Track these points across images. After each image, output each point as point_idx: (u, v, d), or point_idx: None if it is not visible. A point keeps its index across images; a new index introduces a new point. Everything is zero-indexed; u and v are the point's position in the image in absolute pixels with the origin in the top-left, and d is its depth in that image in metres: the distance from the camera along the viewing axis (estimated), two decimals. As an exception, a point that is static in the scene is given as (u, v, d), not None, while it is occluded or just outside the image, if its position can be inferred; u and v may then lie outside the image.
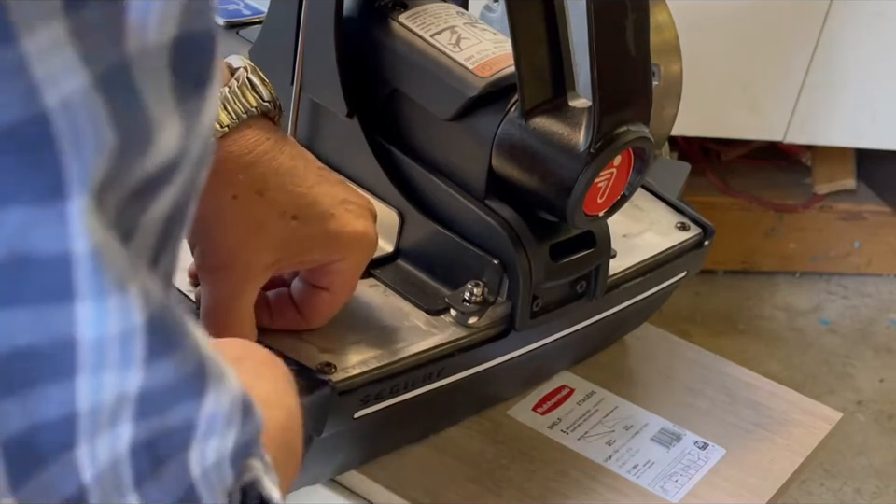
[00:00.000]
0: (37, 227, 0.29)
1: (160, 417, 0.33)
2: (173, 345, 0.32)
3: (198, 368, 0.33)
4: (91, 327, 0.30)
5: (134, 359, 0.31)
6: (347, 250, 0.65)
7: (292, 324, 0.67)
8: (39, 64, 0.28)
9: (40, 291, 0.29)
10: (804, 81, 2.03)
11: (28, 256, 0.29)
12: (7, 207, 0.28)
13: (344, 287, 0.67)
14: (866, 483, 1.82)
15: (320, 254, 0.64)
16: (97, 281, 0.30)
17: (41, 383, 0.30)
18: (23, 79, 0.28)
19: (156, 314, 0.31)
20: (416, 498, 0.72)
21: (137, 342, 0.31)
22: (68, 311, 0.30)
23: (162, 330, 0.32)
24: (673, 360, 0.86)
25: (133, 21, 0.29)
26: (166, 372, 0.32)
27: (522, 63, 0.66)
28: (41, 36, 0.27)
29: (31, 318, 0.29)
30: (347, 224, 0.64)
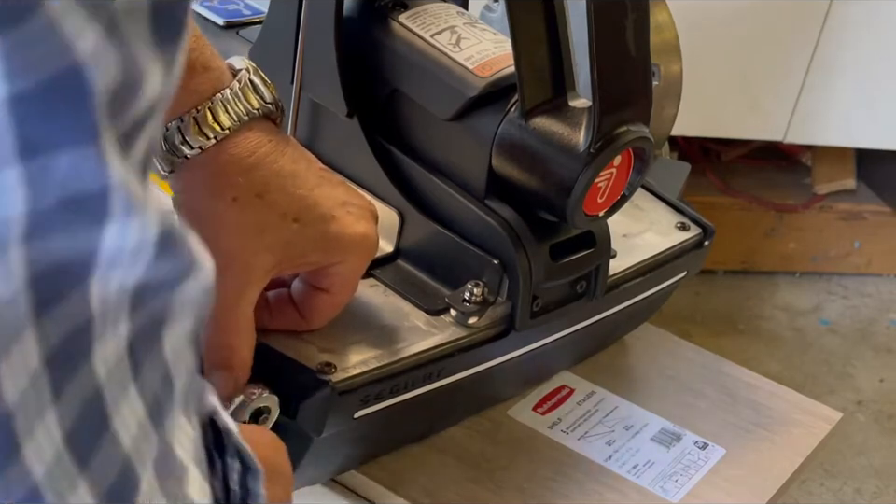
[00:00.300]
0: (82, 167, 0.32)
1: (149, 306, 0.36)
2: (174, 245, 0.36)
3: (190, 259, 0.37)
4: (113, 241, 0.33)
5: (142, 260, 0.34)
6: (348, 252, 0.65)
7: (292, 324, 0.67)
8: (65, 22, 0.31)
9: (83, 222, 0.33)
10: (804, 81, 2.03)
11: (76, 196, 0.32)
12: (57, 153, 0.32)
13: (345, 289, 0.67)
14: (866, 483, 1.82)
15: (320, 256, 0.64)
16: (126, 205, 0.33)
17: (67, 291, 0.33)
18: (57, 34, 0.31)
19: (166, 225, 0.35)
20: (416, 498, 0.72)
21: (147, 250, 0.34)
22: (98, 231, 0.33)
23: (168, 237, 0.35)
24: (673, 360, 0.86)
25: None
26: (164, 266, 0.35)
27: (522, 63, 0.66)
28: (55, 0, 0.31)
29: (68, 240, 0.33)
30: (348, 226, 0.64)
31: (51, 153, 0.32)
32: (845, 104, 2.07)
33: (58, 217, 0.32)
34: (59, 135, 0.32)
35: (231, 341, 0.62)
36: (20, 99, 0.31)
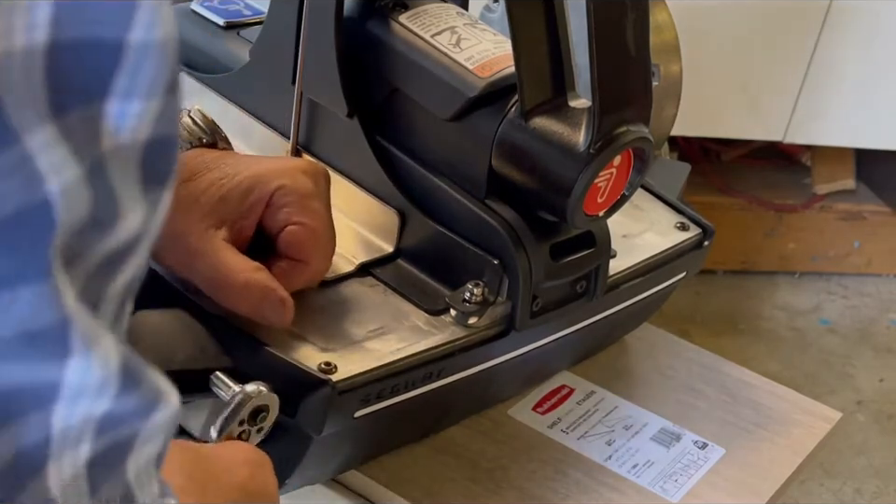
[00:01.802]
0: (41, 301, 0.32)
1: (113, 435, 0.36)
2: (137, 381, 0.36)
3: (154, 393, 0.37)
4: (77, 376, 0.34)
5: (107, 395, 0.35)
6: (282, 177, 0.68)
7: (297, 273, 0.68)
8: (42, 158, 0.31)
9: (41, 355, 0.33)
10: (804, 81, 2.03)
11: (35, 330, 0.33)
12: (18, 287, 0.32)
13: (310, 214, 0.68)
14: (866, 483, 1.82)
15: (258, 193, 0.67)
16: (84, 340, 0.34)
17: (25, 414, 0.34)
18: (28, 171, 0.31)
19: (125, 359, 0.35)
20: (416, 498, 0.72)
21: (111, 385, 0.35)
22: (62, 365, 0.33)
23: (130, 371, 0.36)
24: (673, 360, 0.86)
25: (108, 126, 0.33)
26: (130, 401, 0.36)
27: (522, 63, 0.66)
28: (39, 136, 0.31)
29: (29, 370, 0.33)
30: (273, 161, 0.70)
31: (10, 288, 0.32)
32: (844, 104, 2.07)
33: (17, 348, 0.32)
34: (18, 269, 0.32)
35: (236, 279, 0.64)
36: None
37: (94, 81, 0.33)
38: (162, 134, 0.35)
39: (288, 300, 0.65)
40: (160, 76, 0.34)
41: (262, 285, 0.65)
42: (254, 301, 0.64)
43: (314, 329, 0.67)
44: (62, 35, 0.32)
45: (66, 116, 0.32)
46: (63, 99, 0.32)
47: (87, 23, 0.32)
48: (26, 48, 0.31)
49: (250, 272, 0.65)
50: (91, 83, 0.33)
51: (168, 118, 0.36)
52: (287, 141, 0.77)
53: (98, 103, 0.33)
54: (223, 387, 0.62)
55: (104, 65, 0.33)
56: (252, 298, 0.64)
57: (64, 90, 0.32)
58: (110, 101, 0.33)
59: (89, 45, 0.32)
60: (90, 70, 0.33)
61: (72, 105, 0.32)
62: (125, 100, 0.33)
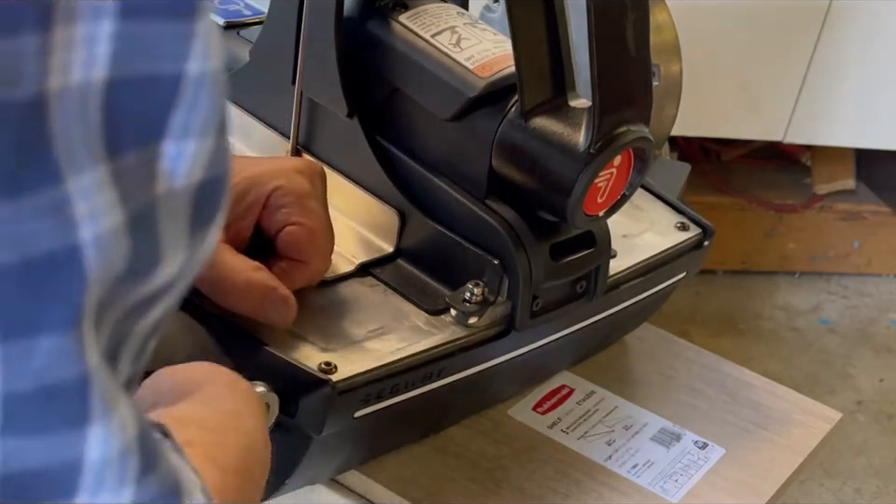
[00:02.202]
0: (62, 354, 0.30)
1: None
2: (157, 458, 0.34)
3: (175, 480, 0.35)
4: (97, 448, 0.31)
5: (129, 477, 0.32)
6: (278, 178, 0.67)
7: (296, 273, 0.68)
8: (81, 204, 0.29)
9: (61, 418, 0.31)
10: (804, 81, 2.03)
11: (54, 385, 0.30)
12: (38, 337, 0.30)
13: (309, 214, 0.68)
14: (866, 483, 1.82)
15: (255, 194, 0.67)
16: (103, 402, 0.31)
17: (43, 502, 0.31)
18: (64, 215, 0.29)
19: (142, 428, 0.33)
20: (416, 498, 0.72)
21: (132, 458, 0.32)
22: (81, 434, 0.31)
23: (148, 444, 0.33)
24: (673, 360, 0.86)
25: (164, 168, 0.31)
26: (152, 488, 0.33)
27: (522, 63, 0.66)
28: (85, 178, 0.29)
29: (48, 443, 0.31)
30: (269, 162, 0.69)
31: (31, 337, 0.30)
32: (844, 104, 2.07)
33: (36, 409, 0.30)
34: (42, 317, 0.30)
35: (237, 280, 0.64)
36: (4, 273, 0.29)
37: (152, 119, 0.31)
38: (215, 175, 0.34)
39: (290, 298, 0.65)
40: (214, 111, 0.33)
41: (264, 284, 0.65)
42: (256, 300, 0.64)
43: (314, 328, 0.67)
44: (121, 71, 0.30)
45: (121, 157, 0.31)
46: (119, 138, 0.30)
47: (147, 58, 0.31)
48: (83, 84, 0.29)
49: (251, 271, 0.65)
50: (150, 121, 0.31)
51: (222, 156, 0.34)
52: (287, 141, 0.77)
53: (155, 143, 0.31)
54: (223, 387, 0.62)
55: (162, 102, 0.31)
56: (254, 297, 0.64)
57: (121, 129, 0.30)
58: (166, 140, 0.31)
59: (148, 80, 0.31)
60: (148, 107, 0.31)
61: (128, 146, 0.31)
62: (181, 139, 0.32)
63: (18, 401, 0.30)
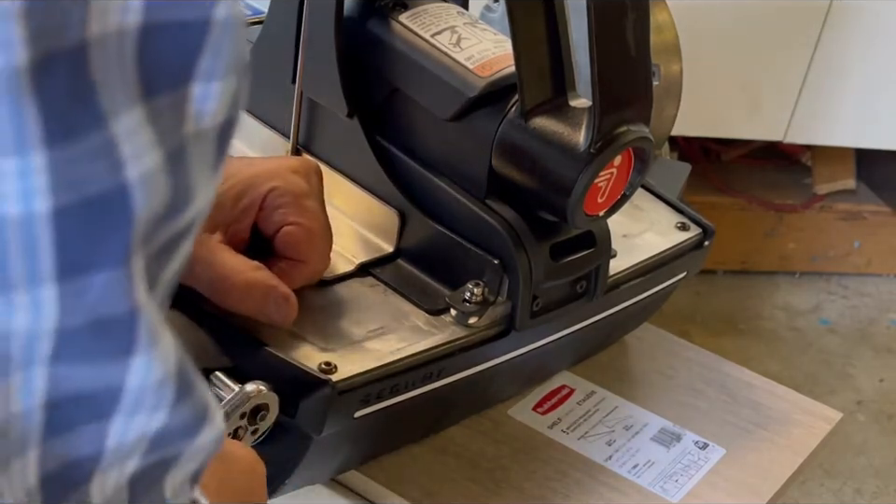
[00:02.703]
0: (113, 289, 0.31)
1: (162, 451, 0.35)
2: (191, 387, 0.35)
3: (204, 407, 0.36)
4: (139, 376, 0.33)
5: (165, 403, 0.34)
6: (274, 179, 0.67)
7: (296, 273, 0.68)
8: (126, 144, 0.31)
9: (108, 348, 0.32)
10: (804, 81, 2.03)
11: (105, 318, 0.32)
12: (93, 272, 0.31)
13: (311, 217, 0.68)
14: (866, 483, 1.82)
15: (250, 196, 0.67)
16: (149, 334, 0.33)
17: (82, 424, 0.33)
18: (112, 156, 0.31)
19: (181, 359, 0.35)
20: (416, 498, 0.72)
21: (170, 387, 0.34)
22: (125, 363, 0.32)
23: (185, 374, 0.35)
24: (673, 360, 0.86)
25: (193, 109, 0.33)
26: (183, 413, 0.35)
27: (522, 63, 0.66)
28: (126, 120, 0.31)
29: (93, 370, 0.32)
30: (265, 162, 0.69)
31: (85, 274, 0.31)
32: (845, 104, 2.07)
33: (86, 340, 0.32)
34: (95, 255, 0.31)
35: (237, 280, 0.64)
36: (62, 214, 0.30)
37: (183, 63, 0.32)
38: (234, 115, 0.35)
39: (291, 296, 0.65)
40: (236, 54, 0.34)
41: (264, 283, 0.65)
42: (257, 299, 0.64)
43: (313, 328, 0.67)
44: (153, 18, 0.31)
45: (155, 99, 0.32)
46: (153, 82, 0.32)
47: (178, 5, 0.32)
48: (120, 30, 0.30)
49: (250, 271, 0.65)
50: (180, 65, 0.32)
51: (240, 98, 0.35)
52: (287, 141, 0.77)
53: (184, 85, 0.33)
54: (223, 387, 0.62)
55: (191, 46, 0.32)
56: (255, 297, 0.64)
57: (154, 72, 0.32)
58: (195, 83, 0.33)
59: (178, 26, 0.32)
60: (178, 52, 0.32)
61: (161, 89, 0.32)
62: (207, 81, 0.33)
63: (70, 334, 0.31)
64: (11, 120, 0.29)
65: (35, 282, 0.30)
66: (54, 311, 0.31)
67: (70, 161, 0.30)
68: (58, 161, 0.30)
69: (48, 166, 0.29)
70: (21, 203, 0.29)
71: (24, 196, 0.29)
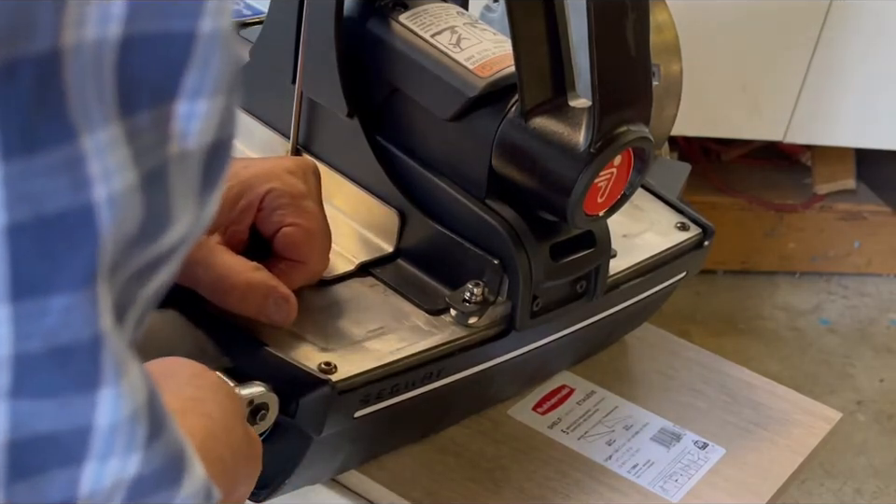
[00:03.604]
0: (74, 314, 0.30)
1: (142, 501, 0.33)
2: (164, 423, 0.33)
3: (178, 451, 0.34)
4: (107, 412, 0.31)
5: (138, 442, 0.32)
6: (271, 180, 0.67)
7: (295, 274, 0.68)
8: (95, 162, 0.29)
9: (72, 380, 0.30)
10: (804, 81, 2.03)
11: (66, 345, 0.30)
12: (51, 296, 0.29)
13: (309, 218, 0.68)
14: (866, 483, 1.82)
15: (248, 198, 0.67)
16: (115, 365, 0.31)
17: (51, 469, 0.31)
18: (77, 173, 0.29)
19: (150, 391, 0.33)
20: (416, 498, 0.72)
21: (142, 423, 0.32)
22: (92, 398, 0.31)
23: (155, 408, 0.33)
24: (673, 360, 0.86)
25: (177, 128, 0.31)
26: (158, 455, 0.33)
27: (522, 63, 0.66)
28: (99, 136, 0.29)
29: (58, 406, 0.30)
30: (262, 164, 0.69)
31: (43, 295, 0.29)
32: (845, 104, 2.07)
33: (46, 370, 0.30)
34: (53, 277, 0.29)
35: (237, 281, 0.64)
36: (16, 230, 0.29)
37: (166, 78, 0.31)
38: (224, 137, 0.33)
39: (291, 296, 0.65)
40: (225, 70, 0.32)
41: (264, 283, 0.65)
42: (257, 300, 0.64)
43: (313, 328, 0.67)
44: (136, 29, 0.30)
45: (134, 116, 0.30)
46: (133, 97, 0.30)
47: (162, 16, 0.30)
48: (98, 40, 0.29)
49: (250, 272, 0.65)
50: (163, 81, 0.31)
51: (230, 118, 0.34)
52: (287, 141, 0.77)
53: (167, 102, 0.31)
54: (223, 387, 0.62)
55: (175, 61, 0.31)
56: (254, 297, 0.64)
57: (135, 87, 0.30)
58: (180, 101, 0.31)
59: (162, 39, 0.30)
60: (162, 66, 0.31)
61: (141, 105, 0.30)
62: (193, 99, 0.31)
63: (29, 363, 0.30)
64: None
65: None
66: (8, 334, 0.29)
67: (28, 174, 0.28)
68: (14, 175, 0.28)
69: (3, 179, 0.28)
70: None
71: None
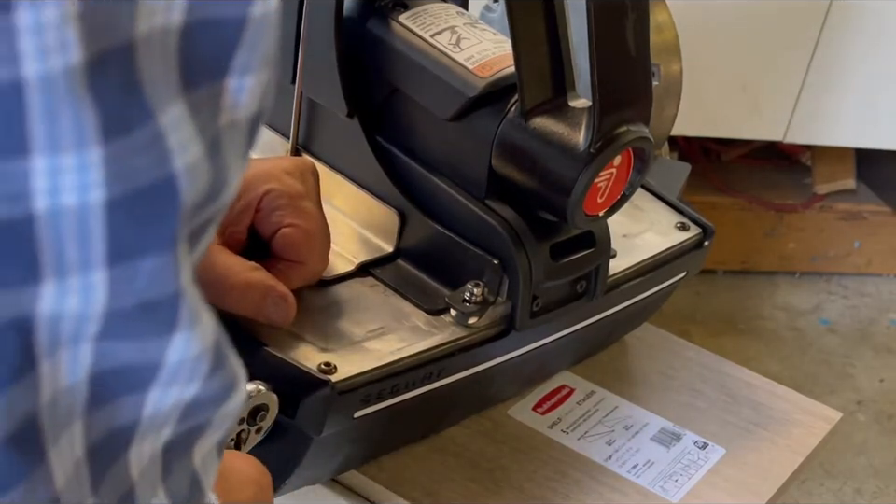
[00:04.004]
0: (161, 273, 0.33)
1: (193, 419, 0.37)
2: (224, 360, 0.37)
3: (234, 376, 0.38)
4: (178, 352, 0.34)
5: (199, 376, 0.35)
6: (269, 181, 0.67)
7: (294, 274, 0.68)
8: (172, 136, 0.32)
9: (155, 326, 0.34)
10: (804, 81, 2.03)
11: (154, 301, 0.33)
12: (142, 258, 0.32)
13: (307, 218, 0.68)
14: (866, 483, 1.82)
15: (245, 200, 0.67)
16: (190, 313, 0.34)
17: (123, 395, 0.34)
18: (161, 148, 0.32)
19: (217, 335, 0.36)
20: (416, 498, 0.72)
21: (205, 361, 0.35)
22: (167, 340, 0.34)
23: (220, 348, 0.36)
24: (673, 360, 0.86)
25: (229, 101, 0.34)
26: (215, 384, 0.36)
27: (522, 63, 0.66)
28: (170, 113, 0.32)
29: (138, 347, 0.34)
30: (259, 164, 0.69)
31: (136, 258, 0.32)
32: (845, 104, 2.07)
33: (132, 321, 0.33)
34: (144, 241, 0.32)
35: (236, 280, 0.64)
36: (114, 205, 0.31)
37: (220, 58, 0.34)
38: (265, 107, 0.37)
39: (290, 296, 0.65)
40: (269, 48, 0.36)
41: (262, 283, 0.65)
42: (255, 299, 0.64)
43: (313, 328, 0.67)
44: (196, 15, 0.32)
45: (195, 92, 0.33)
46: (193, 76, 0.33)
47: (218, 3, 0.33)
48: (164, 28, 0.32)
49: (248, 271, 0.65)
50: (217, 60, 0.34)
51: (270, 90, 0.37)
52: (286, 141, 0.77)
53: (221, 78, 0.34)
54: (223, 387, 0.62)
55: (229, 42, 0.34)
56: (253, 297, 0.64)
57: (194, 67, 0.33)
58: (231, 76, 0.34)
59: (218, 24, 0.33)
60: (217, 47, 0.33)
61: (200, 82, 0.33)
62: (242, 75, 0.34)
63: (119, 315, 0.33)
64: (71, 119, 0.30)
65: (87, 268, 0.32)
66: (104, 295, 0.32)
67: (123, 154, 0.31)
68: (112, 156, 0.31)
69: (103, 160, 0.31)
70: (78, 195, 0.31)
71: (81, 189, 0.31)
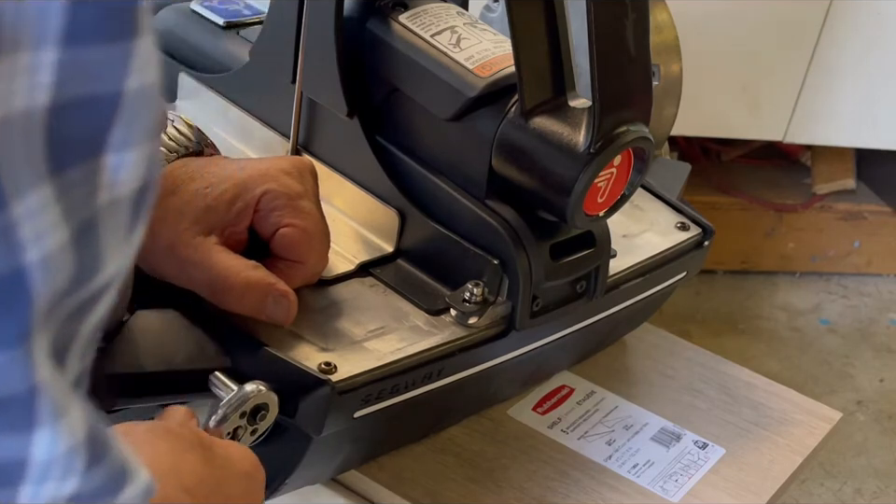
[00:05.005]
0: (9, 371, 0.31)
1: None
2: (105, 451, 0.35)
3: (121, 467, 0.36)
4: (43, 449, 0.33)
5: (76, 470, 0.34)
6: (267, 182, 0.67)
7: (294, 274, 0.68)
8: (26, 226, 0.30)
9: (8, 424, 0.32)
10: (804, 81, 2.03)
11: (4, 398, 0.31)
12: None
13: (306, 218, 0.68)
14: (866, 483, 1.82)
15: (243, 200, 0.67)
16: (53, 409, 0.32)
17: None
18: (9, 240, 0.30)
19: (92, 426, 0.34)
20: (416, 498, 0.72)
21: (79, 455, 0.34)
22: (27, 438, 0.32)
23: (97, 440, 0.34)
24: (673, 360, 0.86)
25: (106, 179, 0.32)
26: (97, 477, 0.35)
27: (522, 63, 0.66)
28: (30, 199, 0.30)
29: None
30: (258, 165, 0.68)
31: None
32: (845, 104, 2.07)
33: None
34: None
35: (236, 280, 0.64)
36: None
37: (94, 135, 0.32)
38: (150, 179, 0.34)
39: (291, 293, 0.65)
40: (151, 120, 0.33)
41: (263, 281, 0.65)
42: (256, 297, 0.64)
43: (313, 328, 0.67)
44: (63, 96, 0.31)
45: (64, 173, 0.31)
46: (63, 157, 0.31)
47: (88, 80, 0.31)
48: (27, 110, 0.30)
49: (248, 270, 0.65)
50: (92, 138, 0.32)
51: (155, 160, 0.35)
52: (287, 141, 0.77)
53: (96, 157, 0.32)
54: (222, 387, 0.62)
55: (103, 119, 0.32)
56: (254, 295, 0.64)
57: (63, 147, 0.31)
58: (108, 154, 0.32)
59: (90, 101, 0.31)
60: (90, 125, 0.32)
61: (71, 163, 0.31)
62: (121, 151, 0.32)
63: None
64: None
65: None
66: None
67: None
68: None
69: None
70: None
71: None
